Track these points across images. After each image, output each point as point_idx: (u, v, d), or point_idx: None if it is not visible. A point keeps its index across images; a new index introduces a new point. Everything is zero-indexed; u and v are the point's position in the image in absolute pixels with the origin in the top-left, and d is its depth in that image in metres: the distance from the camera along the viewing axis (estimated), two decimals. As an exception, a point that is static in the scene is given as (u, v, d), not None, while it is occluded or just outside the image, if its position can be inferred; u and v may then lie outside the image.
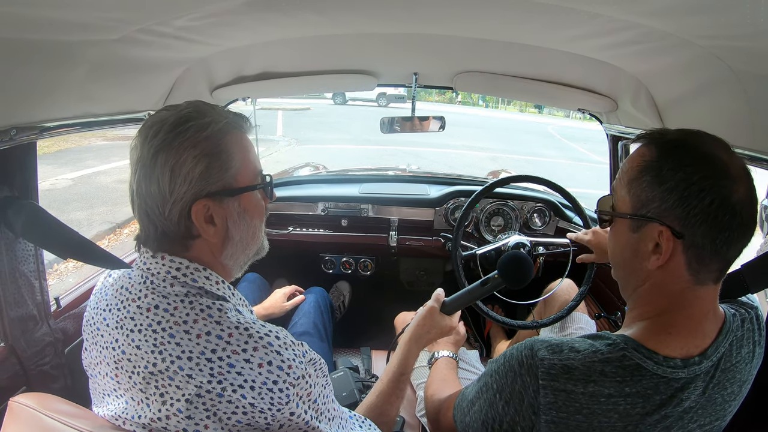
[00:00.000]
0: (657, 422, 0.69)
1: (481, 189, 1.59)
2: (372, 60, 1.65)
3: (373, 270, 2.40)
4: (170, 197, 0.70)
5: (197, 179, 0.70)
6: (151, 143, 0.69)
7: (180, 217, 0.71)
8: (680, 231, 0.67)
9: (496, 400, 0.78)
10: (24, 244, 0.99)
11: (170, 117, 0.71)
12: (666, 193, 0.67)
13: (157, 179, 0.69)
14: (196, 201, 0.71)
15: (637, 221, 0.72)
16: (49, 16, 0.73)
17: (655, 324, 0.72)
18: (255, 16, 1.10)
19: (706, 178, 0.65)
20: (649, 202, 0.70)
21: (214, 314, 0.69)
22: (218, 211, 0.74)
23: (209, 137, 0.71)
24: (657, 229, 0.69)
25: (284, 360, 0.68)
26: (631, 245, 0.74)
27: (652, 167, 0.70)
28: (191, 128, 0.70)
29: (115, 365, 0.72)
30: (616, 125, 1.69)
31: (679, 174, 0.66)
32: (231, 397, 0.65)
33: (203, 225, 0.73)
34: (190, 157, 0.69)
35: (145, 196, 0.70)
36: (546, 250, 1.85)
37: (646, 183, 0.70)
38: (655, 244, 0.70)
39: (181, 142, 0.69)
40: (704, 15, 0.79)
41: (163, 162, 0.69)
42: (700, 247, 0.67)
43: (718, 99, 1.03)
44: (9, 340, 1.00)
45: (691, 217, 0.65)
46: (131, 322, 0.70)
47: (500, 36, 1.32)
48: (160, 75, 1.30)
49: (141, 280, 0.73)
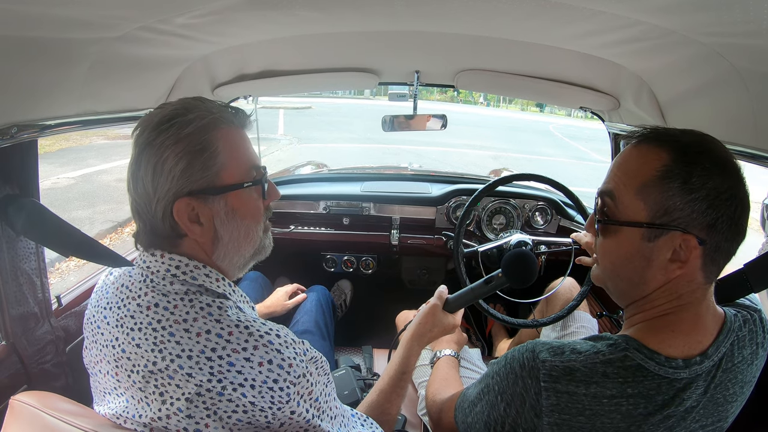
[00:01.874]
0: (660, 422, 0.68)
1: (483, 187, 1.59)
2: (373, 58, 1.64)
3: (374, 268, 2.40)
4: (154, 196, 0.70)
5: (178, 177, 0.69)
6: (137, 142, 0.70)
7: (164, 216, 0.71)
8: (704, 238, 0.66)
9: (497, 402, 0.78)
10: (25, 242, 0.99)
11: (156, 115, 0.71)
12: (695, 202, 0.65)
13: (142, 178, 0.70)
14: (177, 199, 0.70)
15: (654, 230, 0.69)
16: (51, 14, 0.73)
17: (659, 323, 0.72)
18: (256, 13, 1.09)
19: (732, 187, 0.66)
20: (675, 210, 0.67)
21: (214, 312, 0.69)
22: (204, 210, 0.73)
23: (191, 134, 0.70)
24: (679, 237, 0.67)
25: (285, 359, 0.68)
26: (643, 255, 0.71)
27: (677, 174, 0.66)
28: (174, 125, 0.69)
29: (115, 363, 0.72)
30: (618, 123, 1.68)
31: (710, 183, 0.65)
32: (231, 396, 0.65)
33: (187, 224, 0.72)
34: (172, 154, 0.69)
35: (134, 194, 0.72)
36: (548, 248, 1.84)
37: (674, 190, 0.66)
38: (672, 251, 0.68)
39: (163, 140, 0.69)
40: (708, 12, 0.79)
41: (146, 160, 0.69)
42: (719, 251, 0.67)
43: (721, 97, 1.03)
44: (10, 339, 1.00)
45: (718, 224, 0.65)
46: (131, 321, 0.70)
47: (502, 33, 1.31)
48: (161, 73, 1.30)
49: (141, 279, 0.73)
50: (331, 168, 2.96)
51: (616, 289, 0.79)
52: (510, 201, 2.19)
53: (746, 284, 0.87)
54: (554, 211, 2.21)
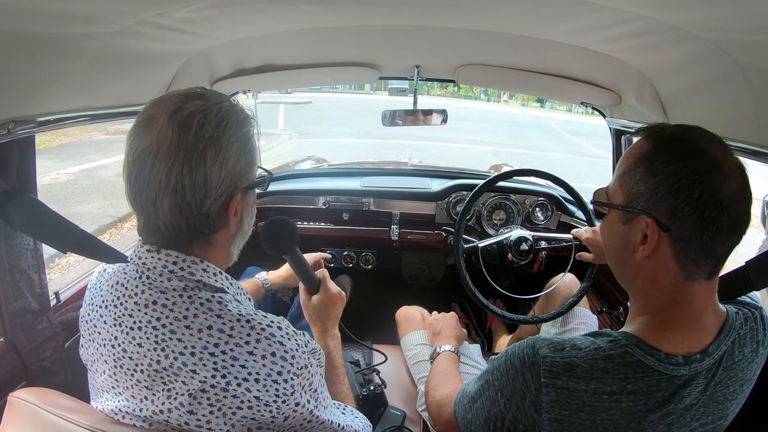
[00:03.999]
0: (659, 419, 0.68)
1: (483, 182, 1.58)
2: (374, 52, 1.63)
3: (374, 264, 2.39)
4: (215, 191, 0.69)
5: (238, 175, 0.71)
6: (199, 136, 0.67)
7: (218, 212, 0.71)
8: (666, 223, 0.67)
9: (497, 398, 0.78)
10: (23, 238, 0.98)
11: (210, 107, 0.69)
12: (656, 186, 0.68)
13: (205, 174, 0.67)
14: (234, 195, 0.72)
15: (628, 213, 0.73)
16: (48, 8, 0.72)
17: (656, 319, 0.72)
18: (255, 7, 1.09)
19: (696, 172, 0.65)
20: (640, 194, 0.70)
21: (215, 307, 0.69)
22: (240, 203, 0.75)
23: (247, 133, 0.73)
24: (644, 220, 0.69)
25: (287, 350, 0.68)
26: (621, 236, 0.75)
27: (645, 159, 0.71)
28: (233, 123, 0.71)
29: (115, 363, 0.71)
30: (620, 119, 1.68)
31: (671, 167, 0.67)
32: (236, 391, 0.65)
33: (233, 218, 0.74)
34: (233, 153, 0.70)
35: (184, 191, 0.67)
36: (548, 244, 1.85)
37: (639, 175, 0.71)
38: (644, 236, 0.70)
39: (228, 137, 0.69)
40: (710, 7, 0.78)
41: (213, 157, 0.67)
42: (686, 241, 0.67)
43: (723, 93, 1.02)
44: (8, 335, 1.00)
45: (678, 210, 0.66)
46: (130, 320, 0.69)
47: (504, 28, 1.31)
48: (160, 68, 1.29)
49: (137, 275, 0.71)
50: (331, 163, 2.95)
51: (612, 268, 0.83)
52: (510, 197, 2.19)
53: (748, 282, 0.87)
54: (555, 206, 2.21)
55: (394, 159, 8.58)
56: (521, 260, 1.82)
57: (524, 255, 1.80)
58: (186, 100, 0.69)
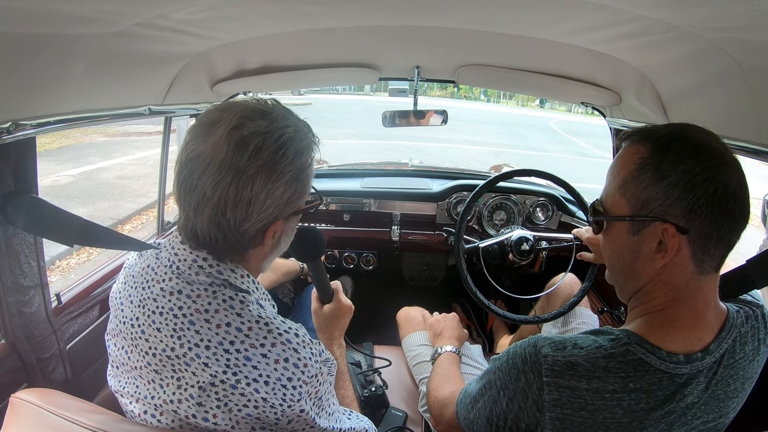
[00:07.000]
0: (661, 418, 0.68)
1: (484, 183, 1.58)
2: (374, 53, 1.63)
3: (375, 265, 2.39)
4: (257, 215, 0.68)
5: (284, 204, 0.71)
6: (252, 160, 0.65)
7: (255, 233, 0.71)
8: (684, 226, 0.66)
9: (499, 398, 0.78)
10: (24, 240, 0.98)
11: (272, 132, 0.67)
12: (669, 188, 0.66)
13: (249, 199, 0.67)
14: (274, 223, 0.71)
15: (637, 223, 0.71)
16: (48, 9, 0.72)
17: (659, 318, 0.72)
18: (255, 8, 1.09)
19: (707, 168, 0.65)
20: (651, 200, 0.68)
21: (236, 306, 0.70)
22: (281, 227, 0.75)
23: (303, 164, 0.71)
24: (660, 227, 0.68)
25: (300, 358, 0.69)
26: (631, 248, 0.73)
27: (650, 163, 0.69)
28: (291, 152, 0.69)
29: (132, 341, 0.73)
30: (620, 119, 1.68)
31: (681, 166, 0.66)
32: (244, 391, 0.66)
33: (269, 240, 0.74)
34: (284, 182, 0.69)
35: (225, 208, 0.66)
36: (549, 244, 1.84)
37: (646, 180, 0.69)
38: (659, 243, 0.69)
39: (283, 167, 0.68)
40: (710, 7, 0.78)
41: (262, 184, 0.67)
42: (706, 238, 0.66)
43: (723, 92, 1.02)
44: (10, 337, 1.00)
45: (696, 209, 0.65)
46: (153, 303, 0.71)
47: (504, 29, 1.31)
48: (160, 69, 1.29)
49: (168, 264, 0.73)
50: (331, 164, 2.95)
51: (616, 283, 0.81)
52: (511, 197, 2.19)
53: (749, 280, 0.87)
54: (555, 206, 2.21)
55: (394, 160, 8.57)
56: (522, 260, 1.82)
57: (525, 255, 1.80)
58: (251, 117, 0.67)
